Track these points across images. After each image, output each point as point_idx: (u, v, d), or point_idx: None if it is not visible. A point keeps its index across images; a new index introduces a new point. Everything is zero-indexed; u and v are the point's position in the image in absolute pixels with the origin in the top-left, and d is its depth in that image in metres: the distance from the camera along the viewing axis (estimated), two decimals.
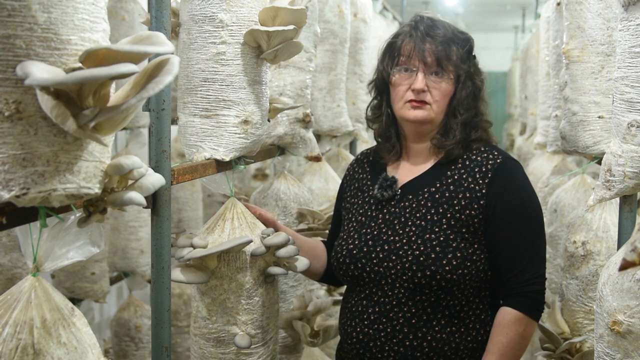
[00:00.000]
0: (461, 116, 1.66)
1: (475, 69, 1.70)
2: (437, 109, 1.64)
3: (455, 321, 1.60)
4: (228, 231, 1.59)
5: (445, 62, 1.63)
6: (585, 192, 2.27)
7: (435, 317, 1.59)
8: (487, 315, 1.65)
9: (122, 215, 2.84)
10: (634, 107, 1.32)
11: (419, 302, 1.58)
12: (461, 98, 1.65)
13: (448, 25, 1.67)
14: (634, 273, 1.26)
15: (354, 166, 1.87)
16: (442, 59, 1.62)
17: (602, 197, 1.42)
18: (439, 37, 1.63)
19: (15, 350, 0.94)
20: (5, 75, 0.87)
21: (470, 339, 1.61)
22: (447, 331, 1.59)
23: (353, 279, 1.68)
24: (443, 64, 1.63)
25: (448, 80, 1.64)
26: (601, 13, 1.72)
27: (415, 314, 1.58)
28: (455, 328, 1.60)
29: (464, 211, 1.60)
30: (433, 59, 1.62)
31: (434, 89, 1.63)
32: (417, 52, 1.63)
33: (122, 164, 1.03)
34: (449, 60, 1.63)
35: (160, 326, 1.41)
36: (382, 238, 1.65)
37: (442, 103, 1.65)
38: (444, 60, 1.62)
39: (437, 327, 1.58)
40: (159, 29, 1.38)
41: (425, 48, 1.63)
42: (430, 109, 1.64)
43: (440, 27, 1.65)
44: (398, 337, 1.59)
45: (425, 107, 1.64)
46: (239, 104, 1.54)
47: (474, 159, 1.66)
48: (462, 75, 1.66)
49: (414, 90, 1.63)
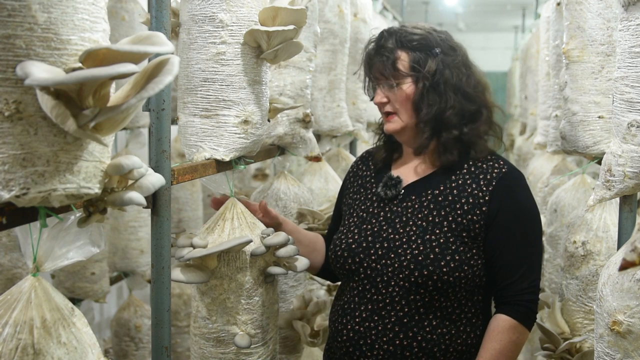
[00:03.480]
0: (422, 113, 1.66)
1: (441, 63, 1.66)
2: (404, 116, 1.69)
3: (446, 323, 1.61)
4: (228, 231, 1.59)
5: (391, 72, 1.67)
6: (585, 192, 2.27)
7: (427, 318, 1.60)
8: (477, 320, 1.66)
9: (122, 215, 2.84)
10: (634, 107, 1.32)
11: (413, 302, 1.60)
12: (417, 98, 1.67)
13: (403, 32, 1.68)
14: (634, 273, 1.26)
15: (358, 163, 1.90)
16: (385, 70, 1.67)
17: (602, 197, 1.43)
18: (385, 50, 1.68)
19: (15, 350, 0.94)
20: (5, 75, 0.87)
21: (460, 341, 1.62)
22: (437, 332, 1.60)
23: (349, 273, 1.69)
24: (389, 75, 1.67)
25: (403, 87, 1.66)
26: (601, 13, 1.72)
27: (408, 313, 1.60)
28: (446, 330, 1.61)
29: (466, 216, 1.61)
30: (379, 73, 1.69)
31: (392, 99, 1.69)
32: (369, 70, 1.73)
33: (122, 164, 1.03)
34: (395, 70, 1.66)
35: (160, 326, 1.41)
36: (382, 235, 1.66)
37: (406, 109, 1.68)
38: (387, 71, 1.67)
39: (428, 327, 1.60)
40: (159, 29, 1.38)
41: (374, 64, 1.71)
42: (398, 118, 1.69)
43: (391, 37, 1.68)
44: (389, 336, 1.59)
45: (393, 118, 1.71)
46: (239, 104, 1.54)
47: (479, 166, 1.68)
48: (419, 76, 1.66)
49: (376, 104, 1.73)
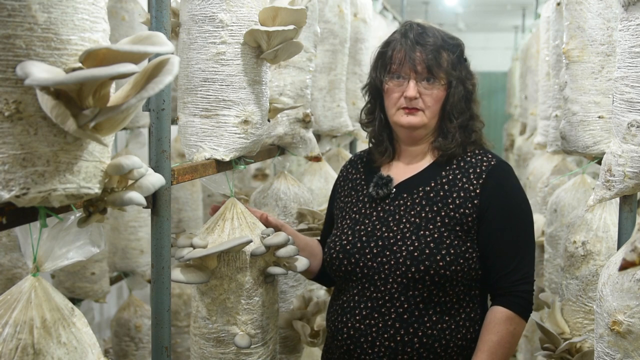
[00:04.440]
0: (456, 120, 1.71)
1: (466, 73, 1.74)
2: (429, 115, 1.69)
3: (446, 318, 1.62)
4: (228, 231, 1.59)
5: (436, 69, 1.67)
6: (585, 192, 2.27)
7: (427, 314, 1.61)
8: (476, 314, 1.67)
9: (122, 215, 2.84)
10: (634, 107, 1.32)
11: (412, 298, 1.61)
12: (454, 102, 1.70)
13: (438, 32, 1.71)
14: (634, 273, 1.26)
15: (347, 167, 1.90)
16: (432, 66, 1.66)
17: (602, 197, 1.43)
18: (429, 45, 1.67)
19: (15, 350, 0.94)
20: (5, 75, 0.87)
21: (460, 336, 1.63)
22: (437, 328, 1.61)
23: (346, 274, 1.69)
24: (434, 71, 1.67)
25: (439, 87, 1.68)
26: (601, 13, 1.72)
27: (407, 309, 1.61)
28: (446, 325, 1.62)
29: (458, 210, 1.63)
30: (423, 66, 1.67)
31: (426, 96, 1.68)
32: (408, 61, 1.68)
33: (122, 164, 1.03)
34: (439, 67, 1.67)
35: (160, 326, 1.41)
36: (376, 234, 1.67)
37: (435, 108, 1.69)
38: (434, 67, 1.66)
39: (428, 323, 1.61)
40: (159, 29, 1.38)
41: (416, 56, 1.67)
42: (423, 114, 1.69)
43: (430, 34, 1.69)
44: (389, 333, 1.60)
45: (417, 113, 1.69)
46: (239, 104, 1.54)
47: (468, 161, 1.71)
48: (454, 80, 1.69)
49: (406, 98, 1.68)
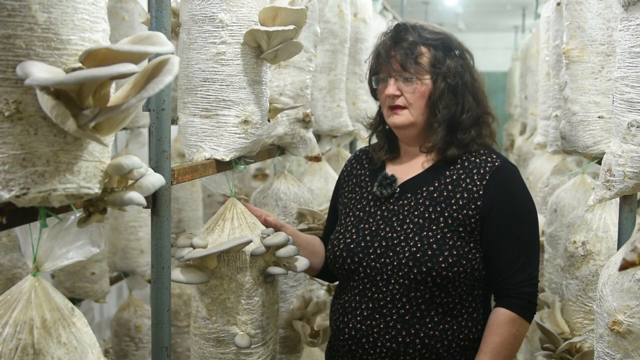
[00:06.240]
0: (439, 114, 1.68)
1: (459, 66, 1.70)
2: (415, 112, 1.69)
3: (448, 319, 1.62)
4: (228, 231, 1.59)
5: (413, 66, 1.66)
6: (585, 192, 2.27)
7: (428, 314, 1.60)
8: (479, 315, 1.67)
9: (122, 215, 2.84)
10: (634, 107, 1.32)
11: (414, 299, 1.60)
12: (436, 97, 1.68)
13: (424, 30, 1.70)
14: (634, 273, 1.26)
15: (352, 162, 1.89)
16: (406, 63, 1.67)
17: (602, 197, 1.43)
18: (406, 43, 1.68)
19: (15, 350, 0.94)
20: (5, 75, 0.87)
21: (462, 337, 1.63)
22: (439, 328, 1.60)
23: (348, 272, 1.69)
24: (408, 67, 1.67)
25: (419, 83, 1.67)
26: (601, 13, 1.72)
27: (409, 310, 1.60)
28: (448, 325, 1.61)
29: (461, 211, 1.62)
30: (398, 65, 1.68)
31: (407, 93, 1.68)
32: (385, 60, 1.70)
33: (122, 164, 1.03)
34: (416, 64, 1.67)
35: (160, 326, 1.41)
36: (380, 234, 1.67)
37: (419, 105, 1.68)
38: (408, 64, 1.66)
39: (430, 324, 1.60)
40: (159, 29, 1.38)
41: (392, 55, 1.69)
42: (408, 112, 1.69)
43: (413, 32, 1.69)
44: (391, 333, 1.60)
45: (402, 112, 1.69)
46: (239, 104, 1.54)
47: (472, 161, 1.69)
48: (436, 75, 1.68)
49: (387, 96, 1.69)
